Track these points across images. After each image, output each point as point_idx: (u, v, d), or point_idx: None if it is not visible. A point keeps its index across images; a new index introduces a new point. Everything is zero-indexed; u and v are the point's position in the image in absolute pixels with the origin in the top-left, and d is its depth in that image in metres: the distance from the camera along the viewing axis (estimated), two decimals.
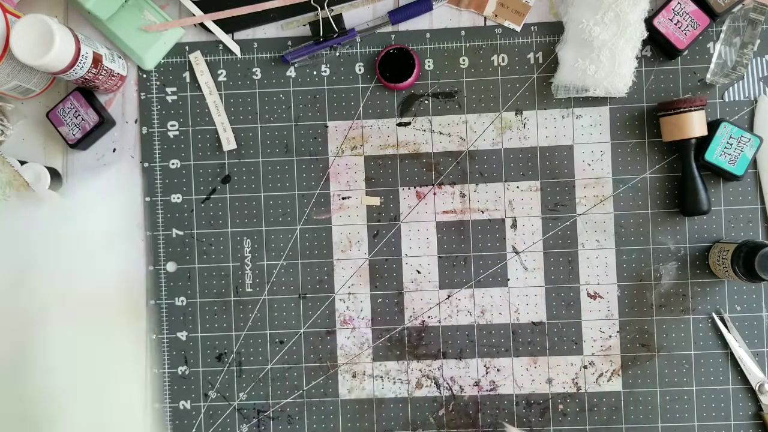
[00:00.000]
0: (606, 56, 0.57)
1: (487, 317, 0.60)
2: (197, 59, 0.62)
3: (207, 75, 0.62)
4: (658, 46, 0.60)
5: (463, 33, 0.61)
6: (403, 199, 0.61)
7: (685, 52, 0.59)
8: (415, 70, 0.60)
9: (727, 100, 0.60)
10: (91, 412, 0.53)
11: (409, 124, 0.61)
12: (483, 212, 0.61)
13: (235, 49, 0.62)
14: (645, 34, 0.58)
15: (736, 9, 0.58)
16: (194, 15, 0.61)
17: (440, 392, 0.60)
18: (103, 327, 0.55)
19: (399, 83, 0.60)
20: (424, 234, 0.61)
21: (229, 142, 0.62)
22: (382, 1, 0.62)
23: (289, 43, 0.62)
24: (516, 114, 0.61)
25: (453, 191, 0.61)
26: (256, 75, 0.62)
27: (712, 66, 0.59)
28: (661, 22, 0.58)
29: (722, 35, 0.59)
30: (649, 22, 0.58)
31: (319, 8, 0.60)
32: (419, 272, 0.61)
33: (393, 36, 0.61)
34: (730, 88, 0.60)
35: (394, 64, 0.60)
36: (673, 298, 0.59)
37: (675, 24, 0.58)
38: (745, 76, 0.59)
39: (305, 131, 0.62)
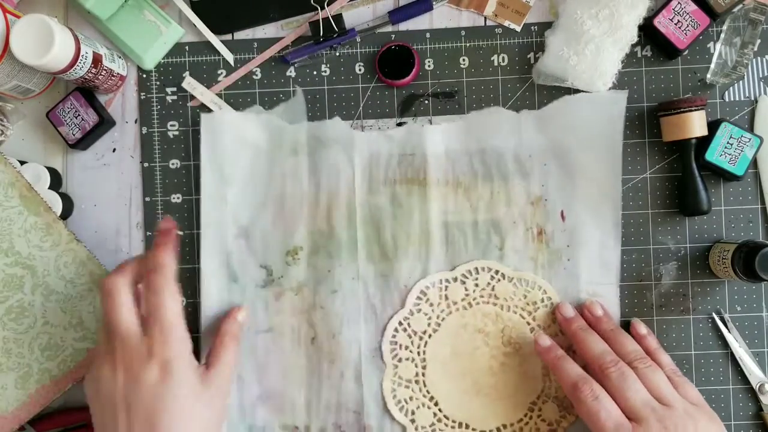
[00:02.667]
0: (591, 50, 0.57)
1: None
2: (191, 84, 0.61)
3: (207, 93, 0.61)
4: (658, 46, 0.60)
5: (463, 33, 0.61)
6: None
7: (685, 52, 0.59)
8: (414, 68, 0.60)
9: (727, 100, 0.60)
10: None
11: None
12: None
13: (228, 56, 0.62)
14: (635, 39, 0.58)
15: (737, 9, 0.58)
16: (190, 17, 0.61)
17: None
18: None
19: (398, 80, 0.60)
20: None
21: None
22: (382, 1, 0.62)
23: (290, 43, 0.62)
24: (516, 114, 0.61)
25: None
26: (256, 75, 0.62)
27: (712, 66, 0.59)
28: (661, 22, 0.58)
29: (722, 35, 0.59)
30: (649, 22, 0.58)
31: (319, 8, 0.60)
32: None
33: (393, 36, 0.61)
34: (731, 88, 0.60)
35: (393, 61, 0.60)
36: (673, 298, 0.59)
37: (675, 24, 0.58)
38: (745, 76, 0.59)
39: None
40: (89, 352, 0.57)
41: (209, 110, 0.61)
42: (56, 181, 0.61)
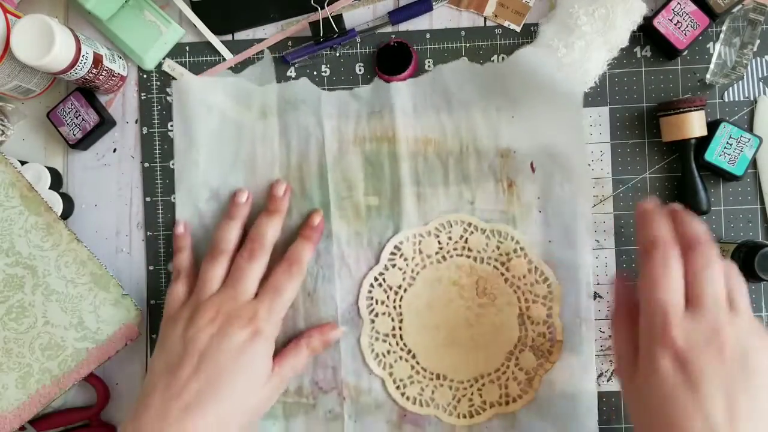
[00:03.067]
0: (580, 46, 0.57)
1: None
2: (171, 66, 0.62)
3: (187, 74, 0.62)
4: (657, 47, 0.60)
5: (463, 33, 0.61)
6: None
7: (685, 53, 0.59)
8: (411, 65, 0.60)
9: (726, 100, 0.60)
10: None
11: None
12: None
13: (228, 57, 0.62)
14: (625, 44, 0.58)
15: (736, 9, 0.58)
16: (190, 18, 0.62)
17: None
18: None
19: (393, 76, 0.60)
20: None
21: None
22: (382, 1, 0.62)
23: (290, 43, 0.62)
24: None
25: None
26: None
27: (711, 66, 0.59)
28: (661, 22, 0.58)
29: (722, 35, 0.59)
30: (648, 22, 0.58)
31: (319, 8, 0.60)
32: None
33: (393, 36, 0.61)
34: (730, 89, 0.60)
35: (391, 57, 0.60)
36: None
37: (675, 24, 0.58)
38: (744, 77, 0.59)
39: None
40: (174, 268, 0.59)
41: None
42: (57, 181, 0.61)
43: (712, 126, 0.58)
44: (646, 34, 0.60)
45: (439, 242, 0.59)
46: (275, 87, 0.61)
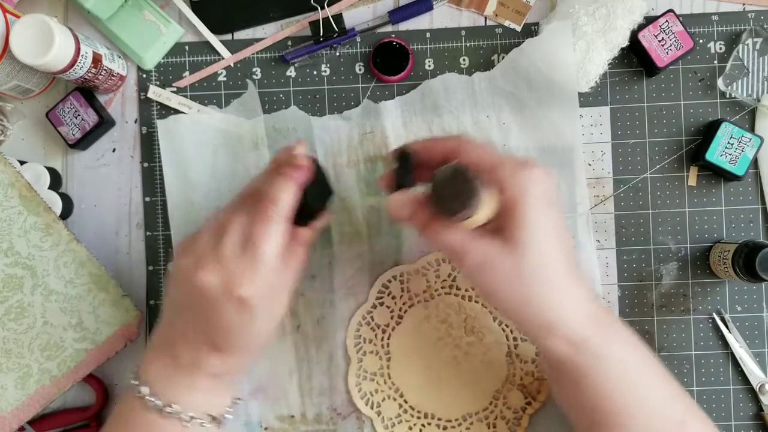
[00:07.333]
0: (581, 47, 0.57)
1: None
2: (156, 92, 0.62)
3: (174, 98, 0.62)
4: (639, 59, 0.60)
5: (463, 33, 0.61)
6: None
7: (661, 73, 0.59)
8: (408, 67, 0.60)
9: (728, 100, 0.60)
10: None
11: None
12: None
13: (225, 53, 0.62)
14: (626, 43, 0.57)
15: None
16: (189, 17, 0.61)
17: None
18: None
19: (388, 76, 0.60)
20: None
21: None
22: (382, 0, 0.62)
23: (289, 43, 0.62)
24: None
25: None
26: (256, 75, 0.62)
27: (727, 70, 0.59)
28: (646, 37, 0.57)
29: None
30: (633, 34, 0.58)
31: (319, 8, 0.60)
32: None
33: (393, 36, 0.61)
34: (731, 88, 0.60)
35: (388, 56, 0.60)
36: (674, 298, 0.59)
37: (659, 41, 0.57)
38: (746, 77, 0.59)
39: None
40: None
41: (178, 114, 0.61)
42: (56, 181, 0.61)
43: (713, 126, 0.57)
44: (631, 44, 0.59)
45: (427, 281, 0.59)
46: (264, 118, 0.60)
